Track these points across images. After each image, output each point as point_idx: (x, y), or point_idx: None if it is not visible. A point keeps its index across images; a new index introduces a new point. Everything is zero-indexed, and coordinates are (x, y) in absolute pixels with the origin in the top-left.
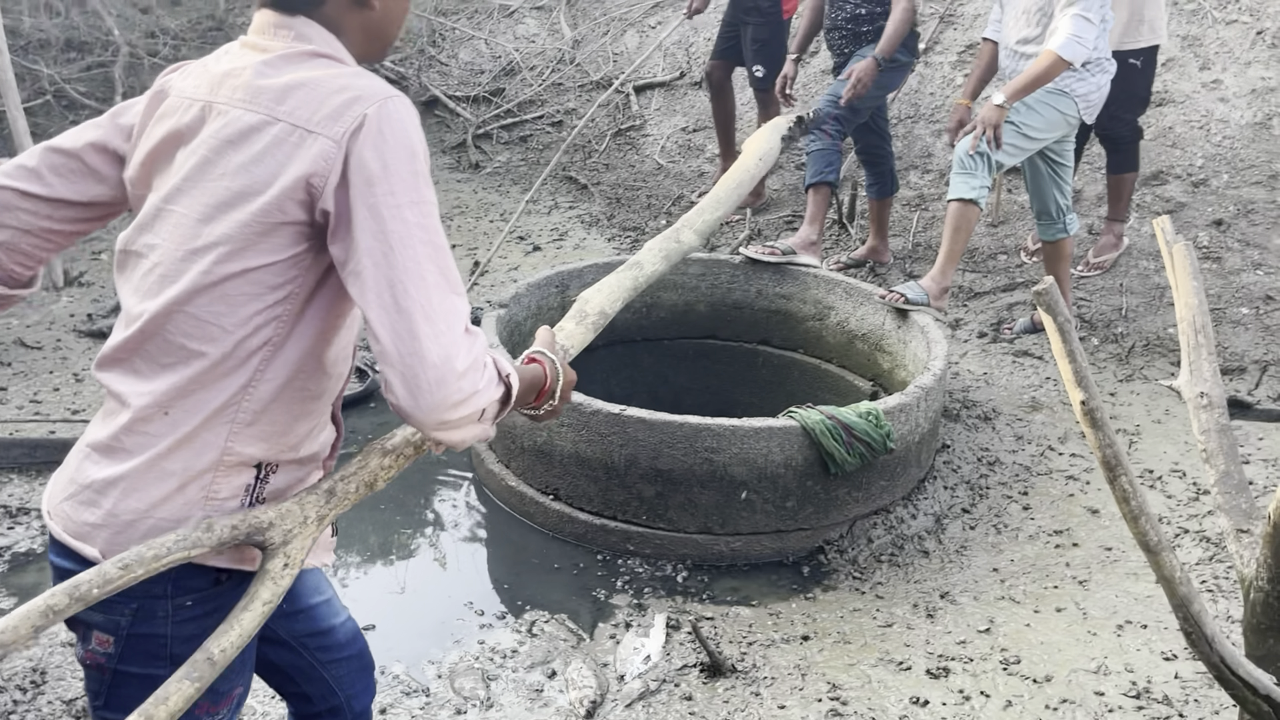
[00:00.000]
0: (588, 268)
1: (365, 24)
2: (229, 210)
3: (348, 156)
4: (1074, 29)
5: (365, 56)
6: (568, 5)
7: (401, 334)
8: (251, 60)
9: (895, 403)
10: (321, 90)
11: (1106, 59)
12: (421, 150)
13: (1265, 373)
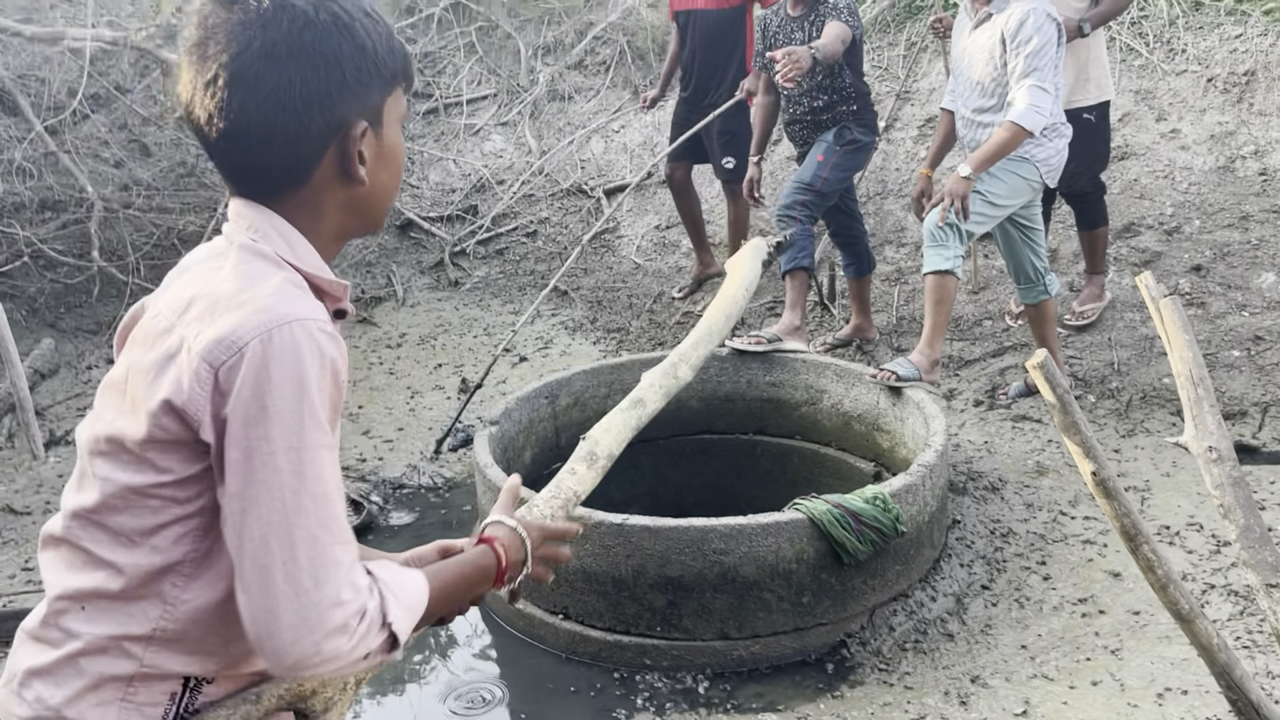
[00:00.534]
0: (575, 375)
1: (352, 200)
2: (128, 414)
3: (226, 391)
4: (1032, 99)
5: (353, 233)
6: (532, 119)
7: (255, 592)
8: (201, 255)
9: (901, 484)
10: (219, 307)
11: (1062, 123)
12: (315, 385)
13: (1266, 414)
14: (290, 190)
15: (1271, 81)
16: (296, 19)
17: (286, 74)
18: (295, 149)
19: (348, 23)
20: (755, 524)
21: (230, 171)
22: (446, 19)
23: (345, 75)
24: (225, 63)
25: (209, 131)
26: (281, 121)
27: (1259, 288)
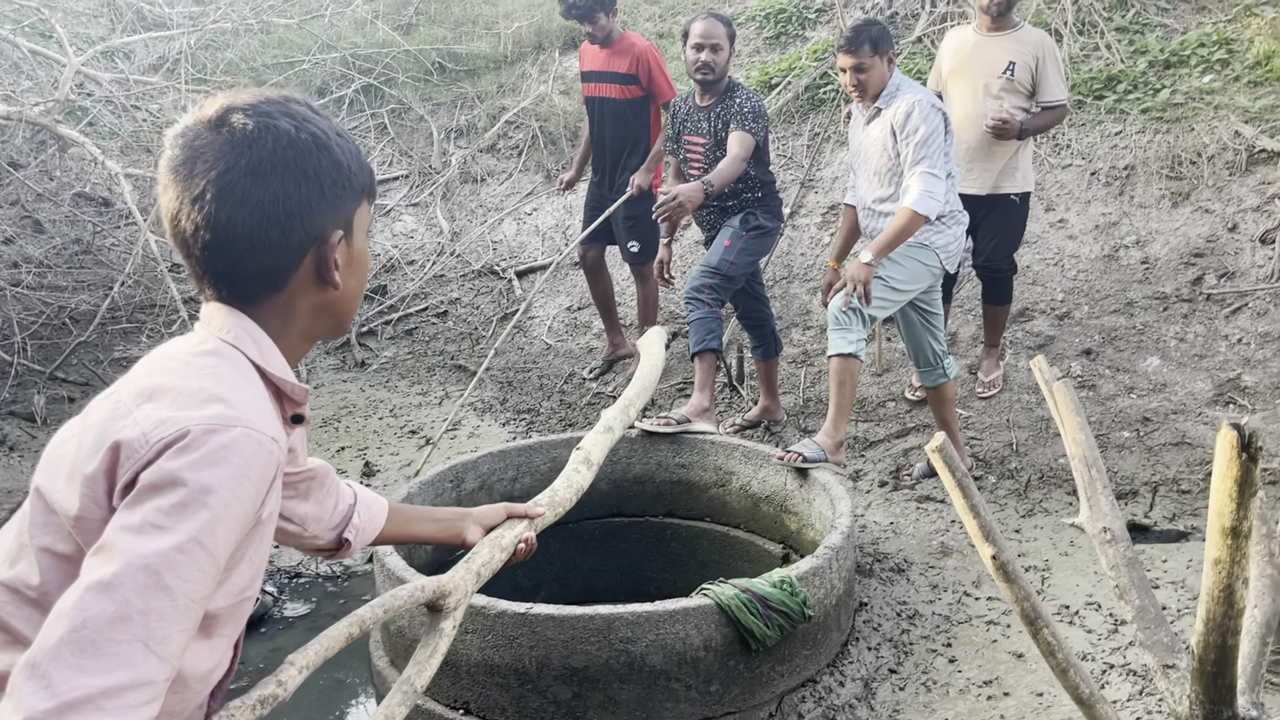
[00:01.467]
0: (482, 458)
1: (323, 304)
2: (64, 489)
3: (150, 461)
4: (924, 185)
5: (320, 334)
6: (444, 200)
7: (52, 631)
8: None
9: (808, 567)
10: (180, 399)
11: (959, 211)
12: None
13: (1156, 494)
14: (268, 294)
15: (1150, 175)
16: (280, 138)
17: (271, 189)
18: (276, 257)
19: (325, 141)
20: (663, 611)
21: (211, 278)
22: (358, 101)
23: (324, 189)
24: (214, 179)
25: (194, 243)
26: (265, 232)
27: (1145, 371)
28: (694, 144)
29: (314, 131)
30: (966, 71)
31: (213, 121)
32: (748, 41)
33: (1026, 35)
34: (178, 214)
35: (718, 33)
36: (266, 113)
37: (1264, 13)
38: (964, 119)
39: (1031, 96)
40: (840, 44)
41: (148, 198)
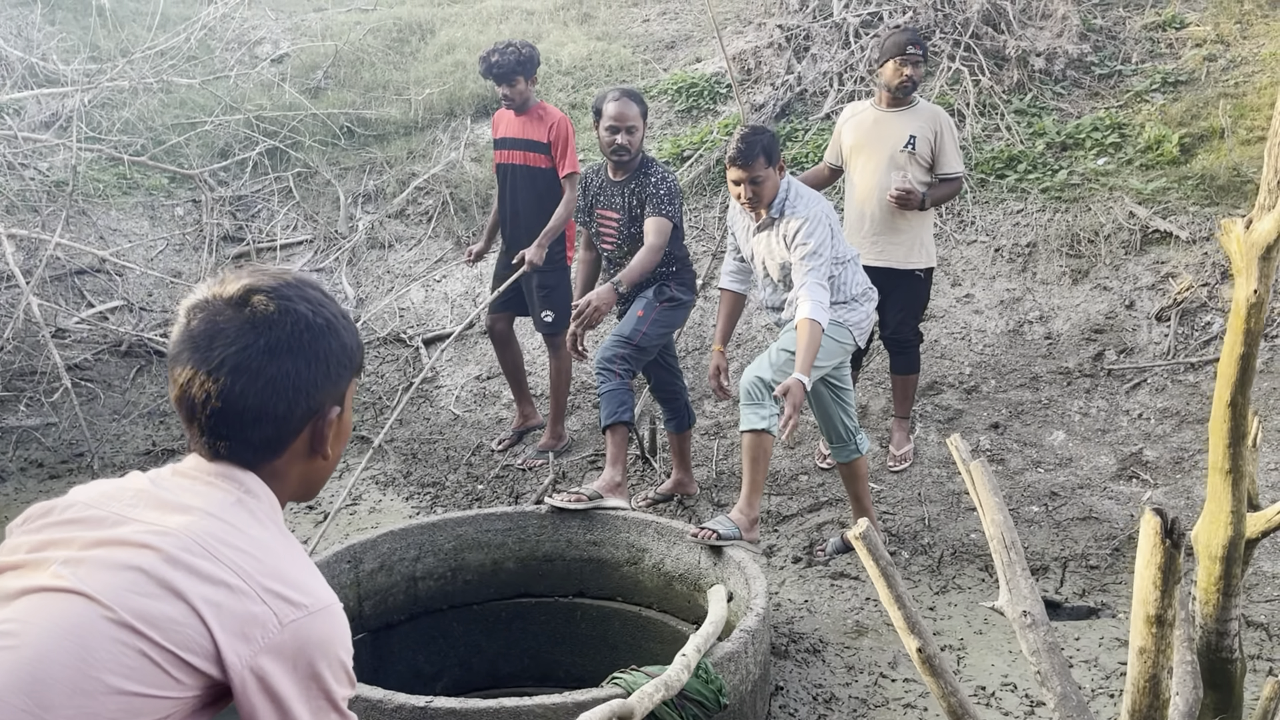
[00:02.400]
0: (382, 536)
1: (309, 472)
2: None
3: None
4: (813, 297)
5: (294, 499)
6: (349, 266)
7: None
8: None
9: (723, 652)
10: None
11: (869, 288)
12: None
13: (1066, 569)
14: (264, 460)
15: (1051, 253)
16: (298, 322)
17: (284, 367)
18: (280, 428)
19: (335, 325)
20: (571, 702)
21: (211, 440)
22: (262, 164)
23: (329, 369)
24: (232, 354)
25: (202, 409)
26: (273, 405)
27: (1051, 445)
28: (607, 218)
29: (327, 316)
30: (869, 146)
31: (235, 300)
32: (660, 114)
33: (924, 110)
34: (190, 381)
35: (631, 114)
36: (287, 296)
37: (1154, 99)
38: (867, 192)
39: (931, 169)
40: (731, 156)
41: (33, 258)
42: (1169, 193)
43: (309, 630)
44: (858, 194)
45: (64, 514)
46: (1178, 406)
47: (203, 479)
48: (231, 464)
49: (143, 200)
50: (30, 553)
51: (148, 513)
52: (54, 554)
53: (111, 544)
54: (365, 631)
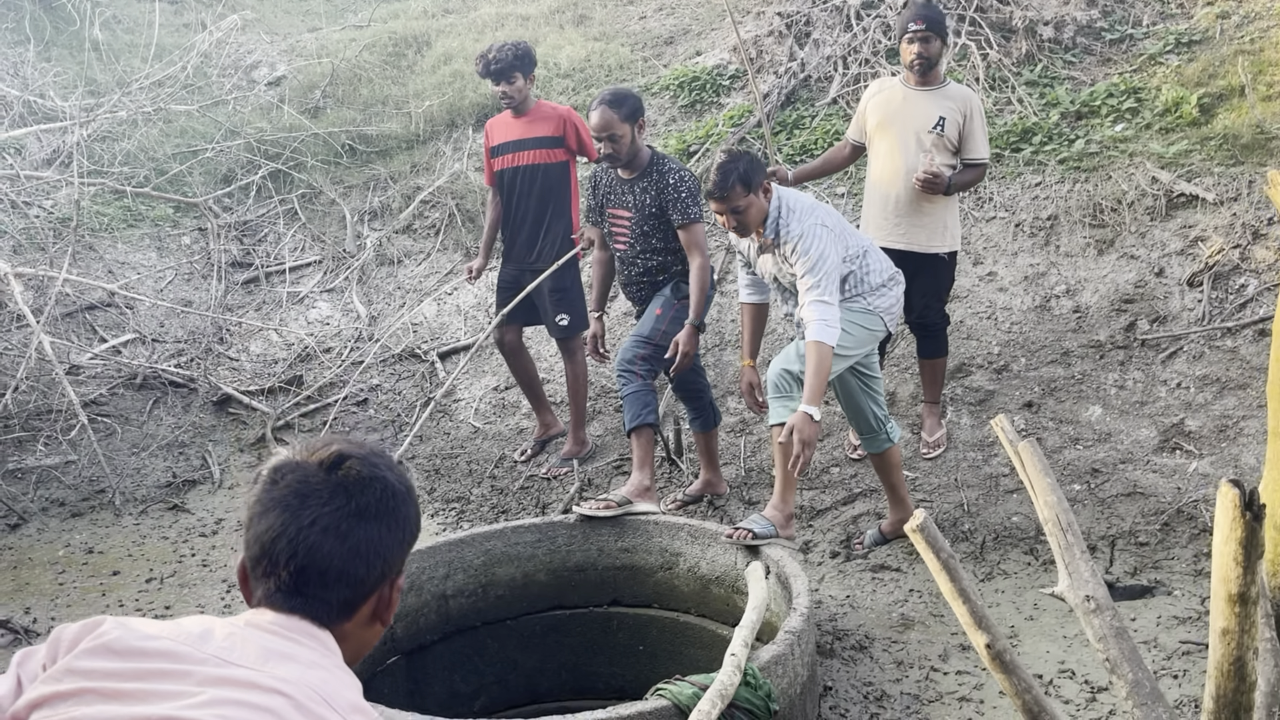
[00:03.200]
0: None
1: (366, 636)
2: None
3: None
4: (818, 315)
5: (349, 663)
6: (359, 284)
7: None
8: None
9: (769, 655)
10: None
11: (894, 272)
12: None
13: (1115, 548)
14: (337, 623)
15: (1073, 225)
16: (387, 489)
17: (371, 531)
18: (356, 591)
19: (412, 493)
20: (617, 716)
21: (287, 596)
22: (266, 187)
23: (404, 535)
24: (325, 514)
25: (288, 565)
26: (355, 568)
27: (1088, 421)
28: (619, 217)
29: (407, 484)
30: (895, 125)
31: (327, 465)
32: (663, 110)
33: (954, 92)
34: (278, 537)
35: (611, 121)
36: (375, 464)
37: (1168, 61)
38: (892, 173)
39: (956, 153)
40: (707, 191)
41: (42, 296)
42: (1191, 155)
43: None
44: (882, 174)
45: (128, 644)
46: (1217, 373)
47: (285, 634)
48: (307, 621)
49: (148, 231)
50: (104, 681)
51: (252, 659)
52: (156, 686)
53: (236, 685)
54: (399, 654)
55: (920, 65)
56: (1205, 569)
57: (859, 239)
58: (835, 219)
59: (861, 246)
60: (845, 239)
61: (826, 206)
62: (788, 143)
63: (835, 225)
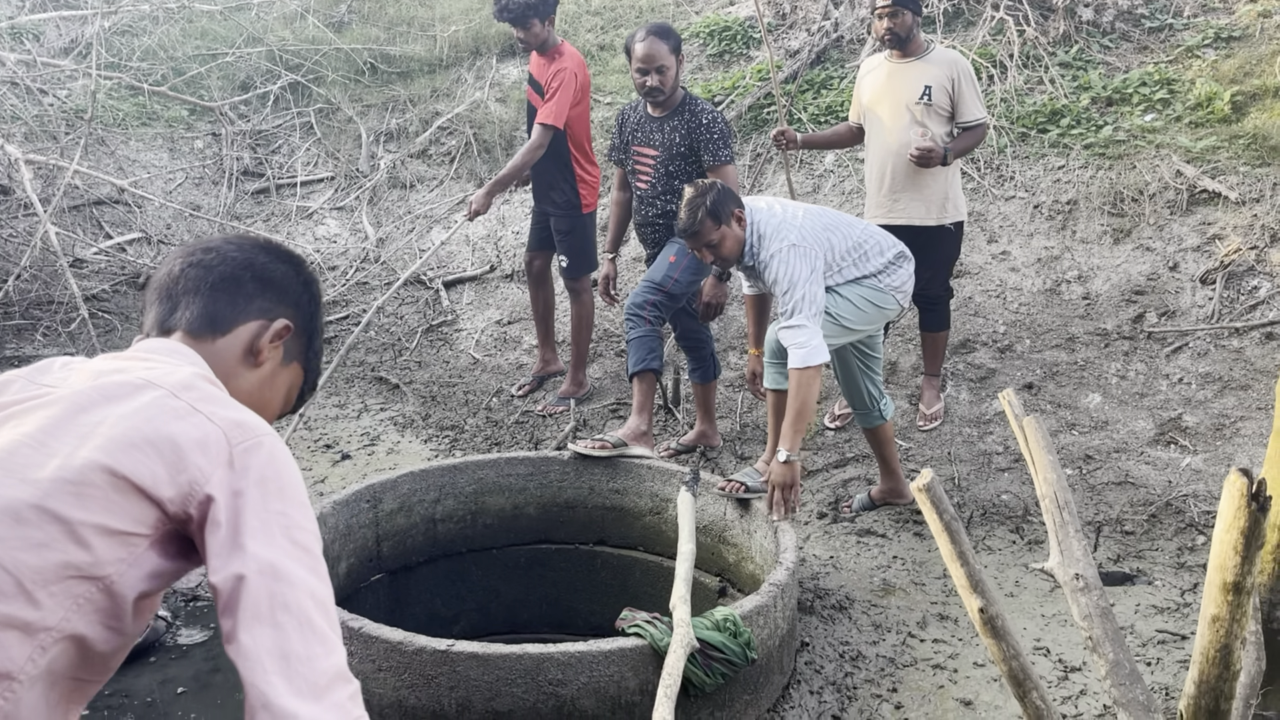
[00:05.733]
0: (402, 477)
1: (246, 385)
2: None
3: (241, 469)
4: (795, 340)
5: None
6: (370, 205)
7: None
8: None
9: (752, 605)
10: (219, 401)
11: (901, 250)
12: None
13: (1100, 534)
14: (208, 336)
15: (1092, 211)
16: (278, 248)
17: (259, 258)
18: (220, 305)
19: (297, 269)
20: (597, 652)
21: (167, 314)
22: (284, 98)
23: (297, 279)
24: (219, 247)
25: (177, 283)
26: (221, 288)
27: (1086, 407)
28: (644, 156)
29: (295, 266)
30: (885, 100)
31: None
32: (691, 58)
33: (939, 57)
34: (169, 268)
35: (660, 53)
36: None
37: (1205, 55)
38: (886, 149)
39: (951, 119)
40: (679, 229)
41: (51, 186)
42: (1218, 152)
43: (261, 451)
44: (878, 151)
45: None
46: (1220, 372)
47: (157, 355)
48: (180, 339)
49: (162, 131)
50: None
51: (88, 373)
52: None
53: (108, 375)
54: (383, 572)
55: (891, 40)
56: (1188, 562)
57: (853, 229)
58: (811, 227)
59: (857, 234)
60: (829, 241)
61: (804, 213)
62: (814, 102)
63: (811, 235)
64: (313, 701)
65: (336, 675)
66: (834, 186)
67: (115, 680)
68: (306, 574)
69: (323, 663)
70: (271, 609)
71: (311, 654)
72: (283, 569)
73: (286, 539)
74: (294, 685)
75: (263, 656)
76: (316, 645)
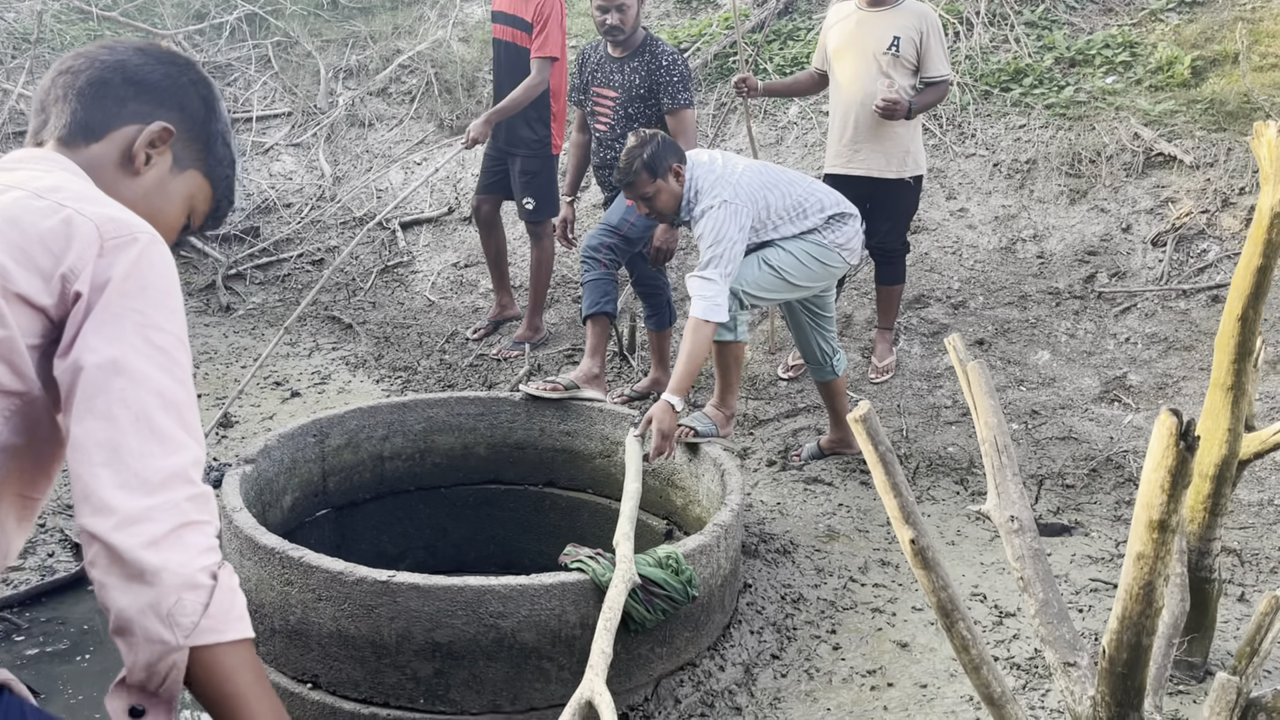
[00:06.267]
0: (350, 413)
1: (126, 191)
2: None
3: (110, 262)
4: (700, 291)
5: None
6: (327, 143)
7: (100, 453)
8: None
9: (695, 544)
10: (98, 201)
11: (844, 209)
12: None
13: (1042, 487)
14: (82, 142)
15: (1050, 171)
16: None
17: (133, 59)
18: (92, 111)
19: (182, 74)
20: (538, 585)
21: (41, 122)
22: (240, 29)
23: (175, 81)
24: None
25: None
26: (94, 93)
27: (1035, 364)
28: (604, 97)
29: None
30: (851, 49)
31: None
32: (658, 4)
33: (909, 9)
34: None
35: None
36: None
37: (1168, 19)
38: (850, 99)
39: (916, 72)
40: (616, 179)
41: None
42: (1176, 115)
43: (134, 248)
44: (841, 99)
45: None
46: (1166, 332)
47: (24, 163)
48: (53, 148)
49: None
50: None
51: None
52: None
53: None
54: (329, 508)
55: None
56: (1124, 515)
57: (794, 187)
58: (749, 184)
59: (798, 193)
60: (765, 199)
61: (744, 169)
62: (780, 53)
63: (747, 192)
64: (142, 496)
65: (174, 475)
66: (797, 139)
67: (52, 607)
68: (156, 372)
69: (159, 461)
70: (108, 403)
71: (147, 451)
72: (126, 363)
73: (139, 336)
74: (121, 478)
75: (91, 448)
76: (154, 444)
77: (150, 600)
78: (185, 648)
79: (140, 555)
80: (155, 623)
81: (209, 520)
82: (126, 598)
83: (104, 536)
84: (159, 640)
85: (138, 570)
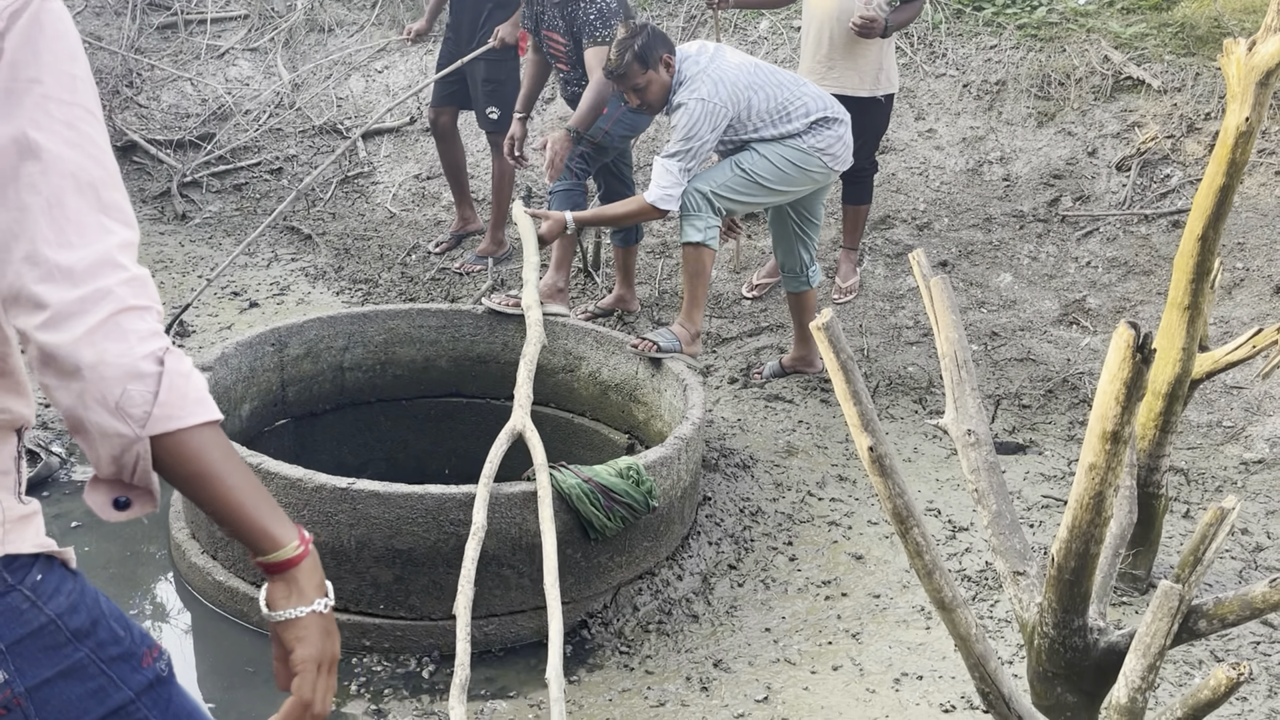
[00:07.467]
0: (310, 322)
1: None
2: None
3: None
4: (658, 180)
5: None
6: (285, 47)
7: (29, 236)
8: None
9: (655, 456)
10: None
11: (830, 114)
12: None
13: (999, 406)
14: None
15: (1019, 93)
16: None
17: None
18: None
19: None
20: (500, 494)
21: None
22: None
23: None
24: None
25: None
26: None
27: (997, 287)
28: (555, 41)
29: None
30: None
31: None
32: None
33: None
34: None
35: None
36: None
37: None
38: (825, 14)
39: None
40: (606, 70)
41: None
42: (1146, 39)
43: (26, 13)
44: (815, 15)
45: None
46: (1126, 256)
47: None
48: None
49: None
50: None
51: None
52: None
53: None
54: (289, 418)
55: None
56: (1078, 435)
57: (781, 90)
58: (733, 83)
59: (784, 96)
60: (748, 100)
61: (734, 68)
62: None
63: (728, 92)
64: (68, 288)
65: (101, 260)
66: (767, 54)
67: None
68: (66, 149)
69: (82, 249)
70: (18, 191)
71: (65, 240)
72: (30, 144)
73: (40, 110)
74: (42, 270)
75: (8, 243)
76: (71, 233)
77: (96, 396)
78: (144, 438)
79: (74, 351)
80: (106, 416)
81: (147, 305)
82: (70, 396)
83: (35, 336)
84: (115, 434)
85: (73, 366)
